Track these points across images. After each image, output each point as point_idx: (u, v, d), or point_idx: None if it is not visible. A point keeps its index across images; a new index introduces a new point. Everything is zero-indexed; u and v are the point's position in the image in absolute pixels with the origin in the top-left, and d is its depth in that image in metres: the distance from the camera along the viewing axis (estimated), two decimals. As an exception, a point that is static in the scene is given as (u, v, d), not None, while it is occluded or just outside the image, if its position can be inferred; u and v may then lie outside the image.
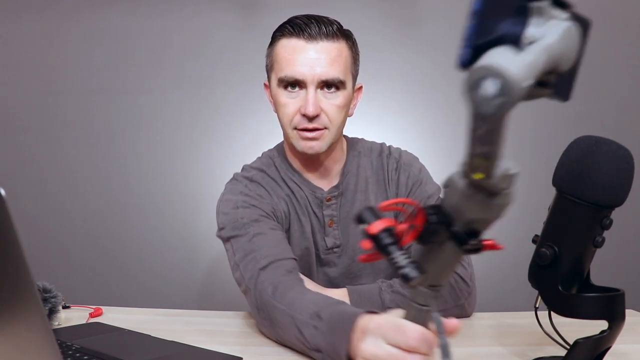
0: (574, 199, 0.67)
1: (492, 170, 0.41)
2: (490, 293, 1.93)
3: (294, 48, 0.99)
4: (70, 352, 0.78)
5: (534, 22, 0.40)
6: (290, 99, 1.01)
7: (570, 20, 0.42)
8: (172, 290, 1.95)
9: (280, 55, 1.01)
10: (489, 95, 0.37)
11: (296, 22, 1.00)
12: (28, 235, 1.89)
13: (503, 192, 0.44)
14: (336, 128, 1.03)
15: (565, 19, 0.42)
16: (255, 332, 0.99)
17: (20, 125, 1.99)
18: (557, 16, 0.41)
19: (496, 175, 0.42)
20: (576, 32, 0.42)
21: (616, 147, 0.66)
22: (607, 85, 1.96)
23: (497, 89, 0.37)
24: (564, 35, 0.40)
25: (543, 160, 1.93)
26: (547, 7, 0.41)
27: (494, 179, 0.42)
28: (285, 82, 1.01)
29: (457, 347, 0.88)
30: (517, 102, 0.37)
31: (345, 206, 1.09)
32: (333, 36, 1.00)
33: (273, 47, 1.05)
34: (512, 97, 0.36)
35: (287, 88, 1.01)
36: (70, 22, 1.99)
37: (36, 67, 1.99)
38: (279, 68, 1.01)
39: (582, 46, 0.44)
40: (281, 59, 1.01)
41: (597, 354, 0.70)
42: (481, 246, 0.48)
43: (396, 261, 0.45)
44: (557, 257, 0.69)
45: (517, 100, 0.37)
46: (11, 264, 0.42)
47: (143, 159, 1.98)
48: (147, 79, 1.98)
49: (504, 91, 0.36)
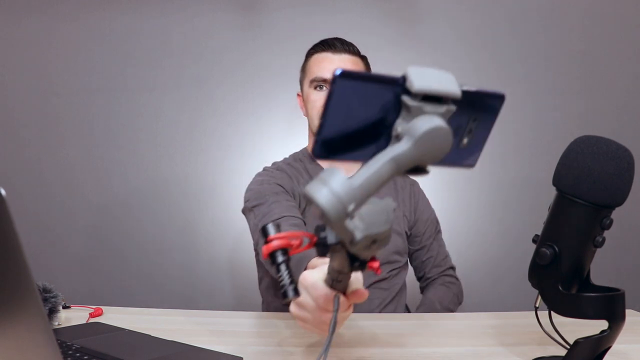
0: (574, 199, 0.67)
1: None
2: (491, 293, 1.93)
3: (324, 58, 1.27)
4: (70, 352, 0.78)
5: (402, 118, 0.41)
6: (319, 96, 1.26)
7: (448, 112, 0.42)
8: (172, 290, 1.95)
9: (312, 64, 1.29)
10: (319, 215, 0.40)
11: (325, 41, 1.30)
12: (28, 235, 1.90)
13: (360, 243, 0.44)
14: None
15: (440, 113, 0.41)
16: (255, 332, 0.99)
17: (20, 125, 1.99)
18: (430, 111, 0.41)
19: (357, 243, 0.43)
20: (445, 128, 0.41)
21: (616, 147, 0.66)
22: (607, 85, 1.96)
23: (319, 214, 0.40)
24: (424, 135, 0.40)
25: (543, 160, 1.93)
26: (417, 103, 0.41)
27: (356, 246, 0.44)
28: (315, 82, 1.27)
29: (457, 347, 0.88)
30: (343, 220, 0.40)
31: None
32: (352, 52, 1.29)
33: (306, 62, 1.33)
34: (332, 222, 0.39)
35: (317, 88, 1.27)
36: (70, 22, 1.99)
37: (36, 67, 1.99)
38: (311, 73, 1.28)
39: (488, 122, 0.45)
40: (313, 66, 1.28)
41: (597, 354, 0.70)
42: (365, 267, 0.50)
43: (282, 279, 0.48)
44: (557, 256, 0.69)
45: (340, 220, 0.40)
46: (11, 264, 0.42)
47: (143, 158, 1.98)
48: (147, 78, 1.98)
49: (324, 218, 0.39)
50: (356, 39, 1.32)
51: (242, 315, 1.13)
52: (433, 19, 1.99)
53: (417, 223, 1.36)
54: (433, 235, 1.38)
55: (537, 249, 0.72)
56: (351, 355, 0.83)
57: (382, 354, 0.84)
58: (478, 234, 1.94)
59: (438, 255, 1.37)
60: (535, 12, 1.97)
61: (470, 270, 1.91)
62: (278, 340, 0.93)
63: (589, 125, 1.92)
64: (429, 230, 1.37)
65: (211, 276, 1.96)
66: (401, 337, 0.95)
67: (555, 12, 1.96)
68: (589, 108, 1.95)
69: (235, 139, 1.99)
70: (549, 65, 1.96)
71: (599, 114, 1.95)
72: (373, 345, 0.89)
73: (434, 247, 1.37)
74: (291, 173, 1.28)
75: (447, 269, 1.37)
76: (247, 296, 1.88)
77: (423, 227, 1.36)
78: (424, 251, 1.37)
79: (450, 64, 1.95)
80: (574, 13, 1.96)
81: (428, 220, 1.38)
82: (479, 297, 1.90)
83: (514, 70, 1.96)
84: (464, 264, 1.92)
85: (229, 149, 1.98)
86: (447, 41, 1.98)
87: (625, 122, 1.93)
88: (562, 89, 1.96)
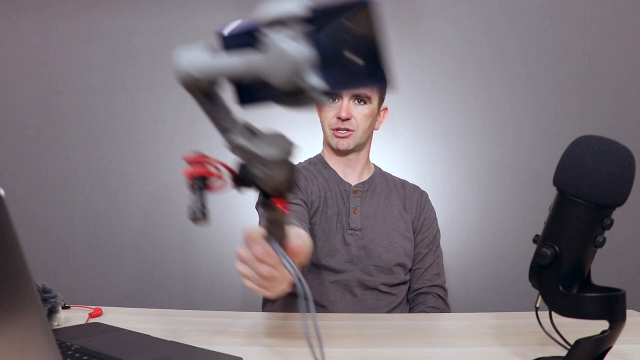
0: (574, 199, 0.67)
1: (222, 133, 0.53)
2: (491, 293, 1.93)
3: None
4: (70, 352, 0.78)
5: (274, 30, 0.44)
6: (330, 108, 1.33)
7: (303, 33, 0.44)
8: (172, 290, 1.95)
9: None
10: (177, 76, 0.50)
11: None
12: (28, 235, 1.90)
13: (251, 162, 0.52)
14: (362, 132, 1.33)
15: (295, 34, 0.43)
16: (255, 332, 0.99)
17: (20, 125, 1.99)
18: (294, 29, 0.44)
19: (227, 146, 0.52)
20: (287, 55, 0.43)
21: (617, 147, 0.66)
22: (607, 85, 1.96)
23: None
24: (271, 55, 0.44)
25: (544, 160, 1.94)
26: (290, 19, 0.43)
27: (228, 146, 0.52)
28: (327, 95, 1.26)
29: (457, 347, 0.88)
30: (187, 85, 0.50)
31: (370, 202, 1.35)
32: None
33: None
34: (181, 79, 0.51)
35: (329, 100, 1.31)
36: (69, 22, 1.99)
37: (36, 67, 1.99)
38: None
39: (371, 28, 0.43)
40: None
41: (598, 354, 0.69)
42: (271, 203, 0.56)
43: (195, 202, 0.55)
44: (557, 256, 0.69)
45: (187, 84, 0.50)
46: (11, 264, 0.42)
47: (143, 158, 1.98)
48: (147, 78, 1.98)
49: (177, 76, 0.50)
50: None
51: (242, 315, 1.13)
52: (433, 18, 1.99)
53: (418, 231, 1.37)
54: (429, 247, 1.36)
55: (537, 249, 0.71)
56: (351, 355, 0.83)
57: (382, 354, 0.84)
58: (478, 233, 1.94)
59: (430, 269, 1.35)
60: (536, 12, 1.97)
61: (470, 270, 1.91)
62: (278, 340, 0.93)
63: (589, 125, 1.92)
64: (427, 239, 1.37)
65: (211, 276, 1.96)
66: (401, 337, 0.95)
67: (556, 11, 1.96)
68: (589, 108, 1.95)
69: (235, 138, 1.99)
70: (550, 64, 1.96)
71: (599, 114, 1.95)
72: (373, 345, 0.89)
73: (427, 259, 1.35)
74: (307, 174, 1.34)
75: (434, 286, 1.33)
76: (247, 296, 1.88)
77: (421, 235, 1.37)
78: (415, 259, 1.36)
79: (450, 63, 1.95)
80: (575, 13, 1.96)
81: (429, 231, 1.38)
82: (479, 297, 1.90)
83: (515, 70, 1.95)
84: (464, 263, 1.92)
85: (229, 149, 1.98)
86: (447, 40, 1.98)
87: (626, 122, 1.93)
88: (562, 89, 1.95)
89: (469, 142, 1.96)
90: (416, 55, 1.97)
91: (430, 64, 1.96)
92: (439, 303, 1.31)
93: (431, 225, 1.39)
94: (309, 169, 1.37)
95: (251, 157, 0.51)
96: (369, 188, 1.37)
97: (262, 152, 0.51)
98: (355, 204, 1.33)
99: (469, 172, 1.96)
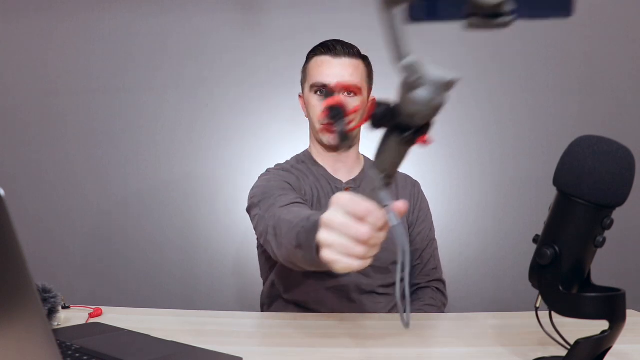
0: (574, 199, 0.67)
1: (395, 57, 0.54)
2: (491, 293, 1.93)
3: (323, 62, 1.26)
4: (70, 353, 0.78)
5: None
6: (319, 101, 1.25)
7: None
8: (172, 290, 1.95)
9: (312, 68, 1.28)
10: None
11: (325, 44, 1.28)
12: (28, 235, 1.90)
13: (416, 83, 0.55)
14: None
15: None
16: (255, 332, 0.99)
17: (21, 125, 1.99)
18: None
19: (401, 63, 0.54)
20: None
21: (617, 147, 0.66)
22: (607, 85, 1.96)
23: None
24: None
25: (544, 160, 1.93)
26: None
27: (399, 67, 0.54)
28: (315, 87, 1.26)
29: (457, 347, 0.88)
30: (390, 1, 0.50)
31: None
32: (352, 55, 1.26)
33: (307, 64, 1.31)
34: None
35: (317, 93, 1.26)
36: (69, 22, 1.99)
37: (36, 67, 1.99)
38: (311, 77, 1.27)
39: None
40: (313, 70, 1.27)
41: (597, 354, 0.69)
42: (413, 139, 0.58)
43: (335, 126, 0.60)
44: (557, 256, 0.69)
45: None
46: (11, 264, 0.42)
47: (143, 158, 1.98)
48: (147, 78, 1.98)
49: None
50: (356, 39, 1.32)
51: (242, 316, 1.13)
52: (433, 19, 1.98)
53: (413, 224, 1.35)
54: (425, 241, 1.35)
55: (537, 249, 0.72)
56: (351, 355, 0.83)
57: (382, 354, 0.84)
58: (478, 234, 1.94)
59: (428, 264, 1.34)
60: (536, 12, 1.97)
61: (470, 270, 1.91)
62: (278, 340, 0.93)
63: (589, 125, 1.92)
64: (423, 233, 1.35)
65: (211, 276, 1.96)
66: (401, 337, 0.95)
67: (555, 12, 1.96)
68: (589, 108, 1.95)
69: (235, 138, 1.98)
70: (550, 64, 1.96)
71: (599, 114, 1.95)
72: (373, 345, 0.89)
73: (425, 254, 1.34)
74: (297, 174, 1.28)
75: (434, 280, 1.33)
76: (247, 296, 1.88)
77: (417, 229, 1.34)
78: (414, 256, 1.34)
79: (450, 63, 1.95)
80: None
81: (424, 223, 1.36)
82: (479, 297, 1.90)
83: (514, 69, 1.95)
84: (464, 263, 1.92)
85: (229, 149, 1.98)
86: (448, 40, 1.98)
87: (626, 122, 1.93)
88: (562, 89, 1.95)
89: (469, 142, 1.96)
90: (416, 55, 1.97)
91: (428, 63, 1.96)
92: (437, 297, 1.31)
93: (426, 217, 1.37)
94: (299, 167, 1.31)
95: (422, 79, 0.55)
96: (360, 184, 1.32)
97: (434, 74, 0.55)
98: None
99: (469, 172, 1.96)
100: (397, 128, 0.58)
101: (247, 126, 1.99)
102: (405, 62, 0.54)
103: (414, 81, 0.55)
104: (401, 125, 0.57)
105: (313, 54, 1.29)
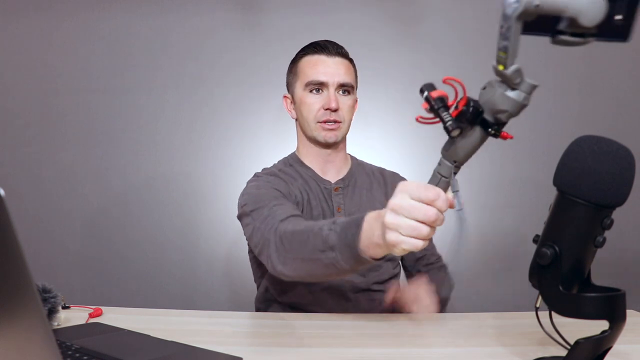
0: (574, 199, 0.67)
1: (508, 62, 0.63)
2: (491, 293, 1.93)
3: (317, 60, 1.26)
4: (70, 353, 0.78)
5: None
6: (315, 99, 1.25)
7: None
8: (172, 290, 1.95)
9: (305, 67, 1.27)
10: (510, 1, 0.58)
11: (317, 43, 1.28)
12: (28, 235, 1.90)
13: (518, 88, 0.66)
14: (347, 123, 1.29)
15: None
16: (255, 332, 0.99)
17: (20, 125, 1.99)
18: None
19: (511, 68, 0.63)
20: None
21: (617, 147, 0.66)
22: (607, 84, 1.96)
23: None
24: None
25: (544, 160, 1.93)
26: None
27: (509, 70, 0.63)
28: (311, 85, 1.25)
29: (457, 347, 0.88)
30: (526, 11, 0.57)
31: (352, 198, 1.30)
32: (343, 55, 1.29)
33: (297, 64, 1.30)
34: (523, 6, 0.57)
35: (312, 91, 1.25)
36: (69, 22, 1.99)
37: (36, 67, 1.99)
38: (305, 76, 1.26)
39: None
40: (307, 69, 1.26)
41: (598, 354, 0.69)
42: (499, 133, 0.68)
43: (442, 118, 0.67)
44: (557, 256, 0.69)
45: (525, 9, 0.57)
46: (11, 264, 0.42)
47: (142, 158, 1.98)
48: (147, 78, 1.98)
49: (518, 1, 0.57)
50: (356, 39, 1.32)
51: (242, 316, 1.13)
52: (433, 18, 1.99)
53: None
54: None
55: (537, 249, 0.71)
56: (351, 355, 0.83)
57: (382, 354, 0.84)
58: (478, 234, 1.94)
59: (432, 255, 1.36)
60: (536, 12, 1.97)
61: (470, 270, 1.91)
62: (277, 340, 0.93)
63: (589, 125, 1.92)
64: None
65: (210, 276, 1.96)
66: (401, 337, 0.95)
67: (555, 12, 1.96)
68: (589, 108, 1.95)
69: (235, 138, 1.99)
70: (549, 64, 1.96)
71: (599, 114, 1.95)
72: (373, 345, 0.89)
73: (429, 245, 1.36)
74: (285, 178, 1.26)
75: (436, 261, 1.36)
76: (247, 296, 1.87)
77: None
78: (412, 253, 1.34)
79: (450, 63, 1.95)
80: (574, 13, 1.96)
81: None
82: (479, 297, 1.90)
83: (514, 70, 1.95)
84: (464, 264, 1.92)
85: (229, 149, 1.98)
86: (448, 40, 1.98)
87: (625, 122, 1.93)
88: (562, 89, 1.95)
89: (469, 142, 1.95)
90: (416, 55, 1.97)
91: (430, 64, 1.96)
92: (443, 270, 1.33)
93: None
94: (286, 171, 1.30)
95: (521, 82, 0.66)
96: (349, 183, 1.31)
97: (529, 80, 0.66)
98: (338, 202, 1.27)
99: (469, 172, 1.95)
100: (481, 123, 0.68)
101: (247, 126, 1.99)
102: (515, 67, 0.64)
103: (517, 84, 0.65)
104: (486, 121, 0.68)
105: (304, 53, 1.29)
